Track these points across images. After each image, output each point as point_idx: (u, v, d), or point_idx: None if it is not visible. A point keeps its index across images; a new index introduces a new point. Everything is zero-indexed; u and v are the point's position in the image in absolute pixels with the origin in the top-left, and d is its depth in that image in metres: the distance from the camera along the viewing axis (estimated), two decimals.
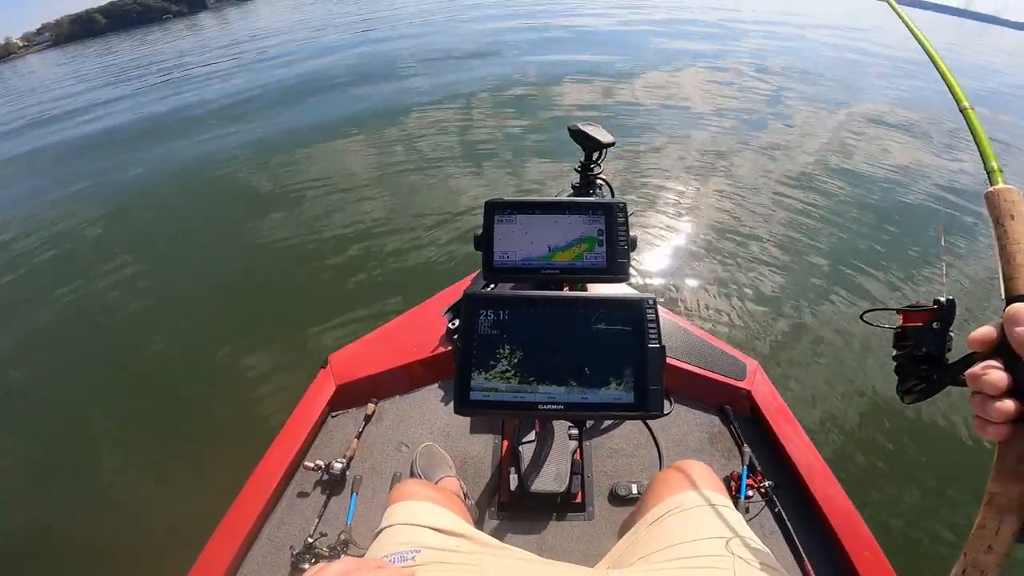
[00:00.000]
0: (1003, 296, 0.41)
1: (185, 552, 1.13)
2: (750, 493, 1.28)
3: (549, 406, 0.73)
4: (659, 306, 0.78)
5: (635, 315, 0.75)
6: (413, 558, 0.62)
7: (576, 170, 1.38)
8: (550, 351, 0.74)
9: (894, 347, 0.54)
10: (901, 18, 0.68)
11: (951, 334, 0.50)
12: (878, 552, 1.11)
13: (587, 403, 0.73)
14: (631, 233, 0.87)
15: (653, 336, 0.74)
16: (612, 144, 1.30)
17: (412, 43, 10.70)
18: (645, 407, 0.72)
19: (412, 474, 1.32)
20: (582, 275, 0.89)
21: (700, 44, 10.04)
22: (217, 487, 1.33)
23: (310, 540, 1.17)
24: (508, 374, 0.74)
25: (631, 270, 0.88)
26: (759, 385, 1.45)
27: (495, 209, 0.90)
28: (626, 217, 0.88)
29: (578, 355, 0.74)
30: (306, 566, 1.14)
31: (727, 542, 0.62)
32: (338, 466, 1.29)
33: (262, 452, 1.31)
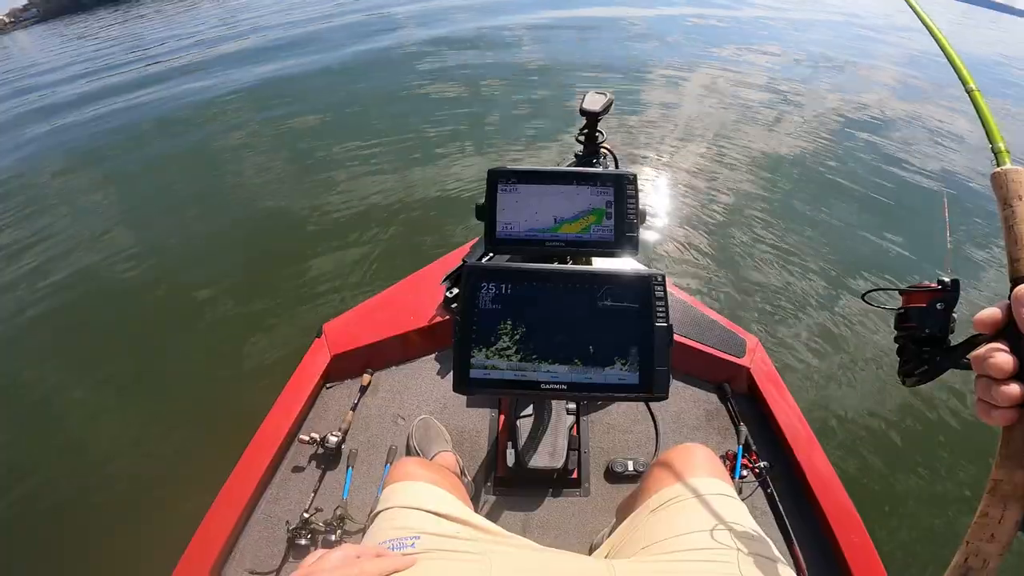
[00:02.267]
0: (1009, 277, 0.40)
1: (181, 528, 1.12)
2: (744, 473, 1.28)
3: (552, 385, 0.70)
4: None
5: (643, 291, 0.71)
6: (412, 545, 0.60)
7: (578, 139, 1.32)
8: (554, 328, 0.71)
9: (895, 328, 0.53)
10: (911, 5, 0.67)
11: (954, 315, 0.49)
12: (865, 537, 1.12)
13: (591, 383, 0.70)
14: (640, 206, 0.83)
15: (661, 314, 0.71)
16: (603, 111, 1.20)
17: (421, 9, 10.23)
18: (650, 389, 0.70)
19: (408, 448, 1.31)
20: (589, 248, 0.85)
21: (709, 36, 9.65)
22: (212, 461, 1.31)
23: (306, 515, 1.16)
24: (509, 351, 0.71)
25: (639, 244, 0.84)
26: (758, 363, 1.44)
27: (498, 177, 0.85)
28: (636, 189, 0.83)
29: (583, 332, 0.71)
30: (302, 542, 1.14)
31: (730, 534, 0.62)
32: (333, 439, 1.28)
33: (256, 425, 1.29)
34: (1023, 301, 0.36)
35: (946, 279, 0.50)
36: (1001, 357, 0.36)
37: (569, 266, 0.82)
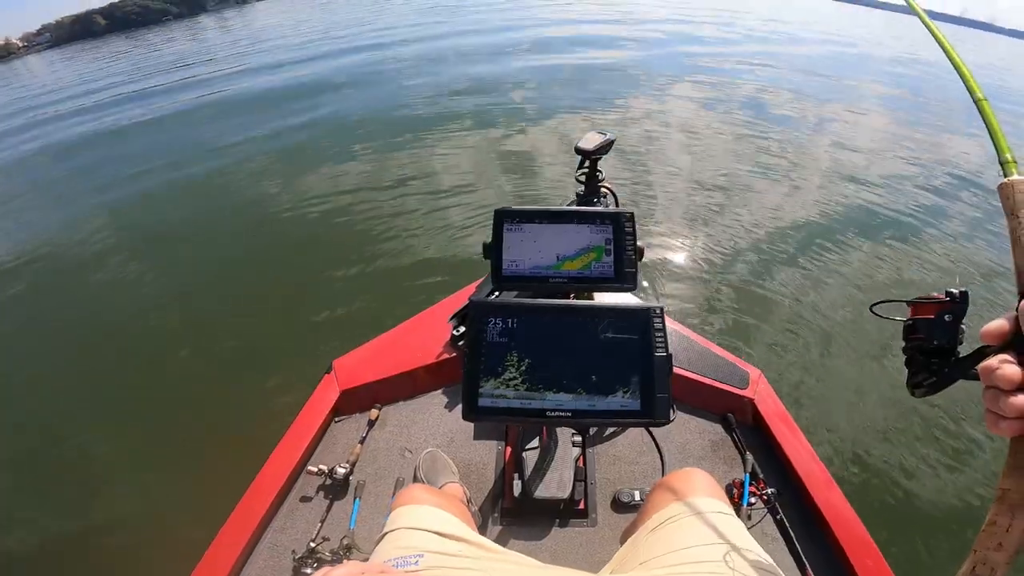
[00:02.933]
0: (1017, 289, 0.40)
1: (187, 556, 1.13)
2: (752, 500, 1.28)
3: (557, 413, 0.74)
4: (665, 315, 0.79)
5: (642, 323, 0.76)
6: (416, 562, 0.62)
7: (578, 179, 1.39)
8: (558, 358, 0.75)
9: (904, 340, 0.52)
10: (922, 19, 0.66)
11: (963, 327, 0.49)
12: (880, 559, 1.12)
13: (594, 410, 0.74)
14: (638, 243, 0.89)
15: (660, 344, 0.75)
16: (602, 150, 1.26)
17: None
18: (652, 414, 0.73)
19: (415, 479, 1.32)
20: (591, 284, 0.90)
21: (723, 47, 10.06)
22: (220, 491, 1.32)
23: (312, 545, 1.17)
24: (516, 381, 0.75)
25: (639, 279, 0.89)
26: (762, 393, 1.46)
27: (504, 217, 0.91)
28: (633, 227, 0.89)
29: (586, 363, 0.75)
30: (308, 571, 1.14)
31: (726, 550, 0.63)
32: (341, 471, 1.30)
33: (265, 456, 1.31)
34: None
35: (954, 291, 0.50)
36: (1009, 369, 0.36)
37: (572, 301, 0.87)
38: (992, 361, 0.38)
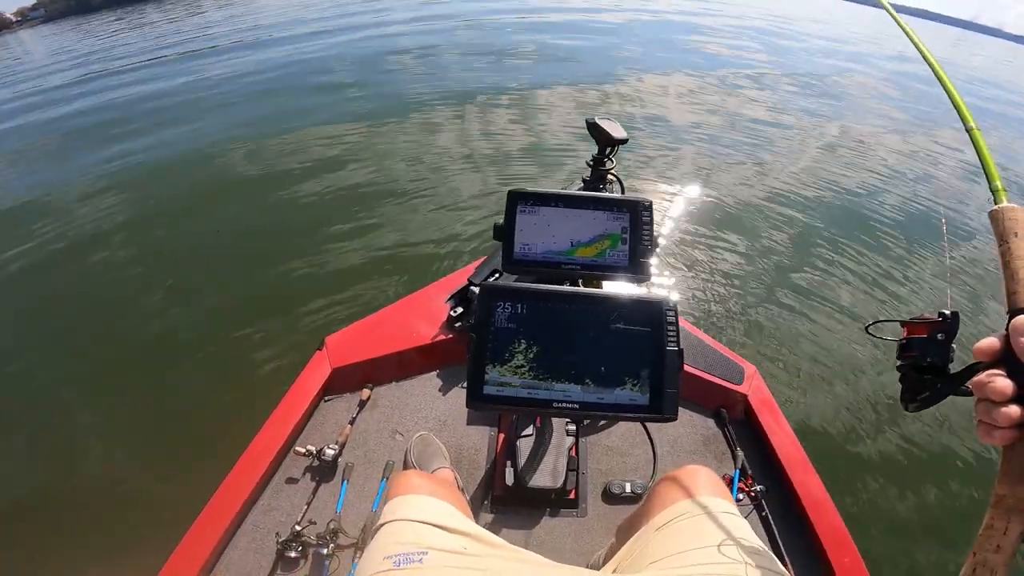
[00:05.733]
0: (1007, 309, 0.43)
1: (168, 534, 1.10)
2: (740, 496, 1.29)
3: (564, 404, 0.71)
4: None
5: (655, 317, 0.73)
6: (420, 560, 0.60)
7: (588, 164, 1.36)
8: (567, 348, 0.72)
9: (898, 357, 0.55)
10: (917, 46, 0.70)
11: (954, 346, 0.52)
12: (857, 558, 1.14)
13: (602, 403, 0.71)
14: (655, 233, 0.86)
15: (672, 339, 0.73)
16: (625, 140, 1.28)
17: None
18: (660, 410, 0.71)
19: (406, 463, 1.29)
20: (604, 272, 0.87)
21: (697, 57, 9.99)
22: (204, 469, 1.29)
23: (298, 527, 1.14)
24: (523, 369, 0.72)
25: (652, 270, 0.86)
26: (756, 390, 1.46)
27: (518, 199, 0.87)
28: (651, 216, 0.86)
29: (595, 354, 0.72)
30: (292, 554, 1.11)
31: (736, 549, 0.62)
32: (330, 452, 1.26)
33: (252, 434, 1.27)
34: (1020, 331, 0.39)
35: (946, 311, 0.52)
36: (1001, 382, 0.39)
37: (585, 289, 0.85)
38: (984, 375, 0.41)
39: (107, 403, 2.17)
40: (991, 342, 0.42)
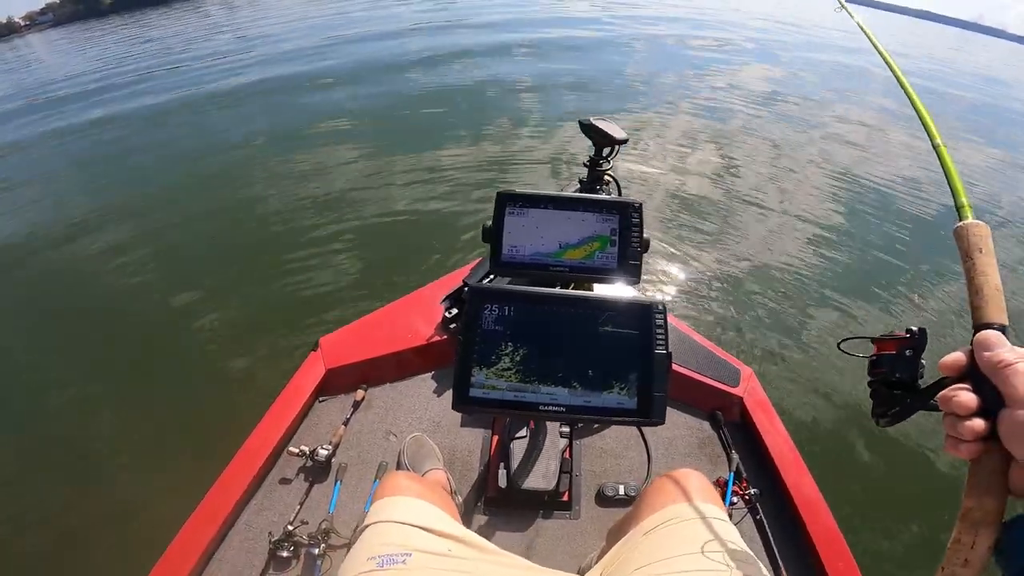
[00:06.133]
0: (972, 324, 0.44)
1: (160, 534, 1.10)
2: (735, 500, 1.28)
3: (550, 407, 0.71)
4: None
5: (644, 319, 0.73)
6: (404, 561, 0.60)
7: (585, 165, 1.35)
8: (554, 351, 0.72)
9: (869, 374, 0.56)
10: (889, 65, 0.71)
11: (923, 361, 0.52)
12: (852, 563, 1.13)
13: (589, 406, 0.71)
14: (644, 235, 0.85)
15: (660, 342, 0.72)
16: (625, 141, 1.27)
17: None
18: (648, 414, 0.70)
19: (399, 465, 1.29)
20: (592, 274, 0.87)
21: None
22: (198, 468, 1.29)
23: (290, 528, 1.14)
24: (510, 372, 0.71)
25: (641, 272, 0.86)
26: (751, 393, 1.45)
27: (507, 201, 0.86)
28: (641, 218, 0.85)
29: (582, 357, 0.71)
30: (284, 554, 1.11)
31: (724, 555, 0.62)
32: (323, 453, 1.26)
33: (246, 434, 1.27)
34: (983, 346, 0.40)
35: (914, 328, 0.53)
36: (965, 396, 0.40)
37: (573, 291, 0.84)
38: (949, 390, 0.41)
39: (100, 403, 2.18)
40: (956, 357, 0.42)
